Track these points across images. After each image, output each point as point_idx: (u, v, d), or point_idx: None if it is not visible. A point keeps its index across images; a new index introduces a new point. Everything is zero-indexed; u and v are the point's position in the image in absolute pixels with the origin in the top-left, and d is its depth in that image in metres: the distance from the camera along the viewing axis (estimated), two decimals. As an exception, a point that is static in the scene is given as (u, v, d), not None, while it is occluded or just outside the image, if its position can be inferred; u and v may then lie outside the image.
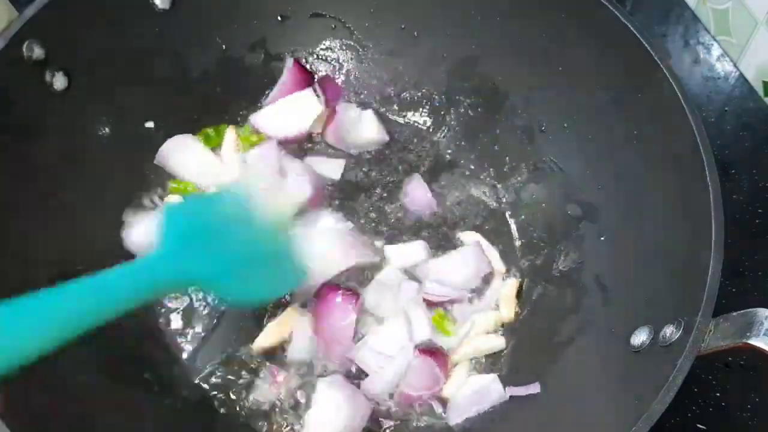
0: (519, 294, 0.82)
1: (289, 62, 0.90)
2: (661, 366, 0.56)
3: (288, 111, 0.89)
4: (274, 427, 0.74)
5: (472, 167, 0.90)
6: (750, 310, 0.55)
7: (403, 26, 0.90)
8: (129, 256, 0.80)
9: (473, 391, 0.75)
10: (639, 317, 0.65)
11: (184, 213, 0.67)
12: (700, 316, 0.56)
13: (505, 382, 0.75)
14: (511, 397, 0.74)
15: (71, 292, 0.49)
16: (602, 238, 0.76)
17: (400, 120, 0.94)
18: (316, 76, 0.92)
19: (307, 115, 0.88)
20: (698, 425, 0.76)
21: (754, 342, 0.53)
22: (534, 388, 0.73)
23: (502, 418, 0.73)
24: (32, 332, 0.42)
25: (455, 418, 0.74)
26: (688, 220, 0.64)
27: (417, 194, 0.87)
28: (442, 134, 0.92)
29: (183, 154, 0.85)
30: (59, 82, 0.72)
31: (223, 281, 0.64)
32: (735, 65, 1.01)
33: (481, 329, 0.79)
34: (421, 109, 0.93)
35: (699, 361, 0.56)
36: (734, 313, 0.56)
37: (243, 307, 0.78)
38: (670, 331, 0.59)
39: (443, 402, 0.76)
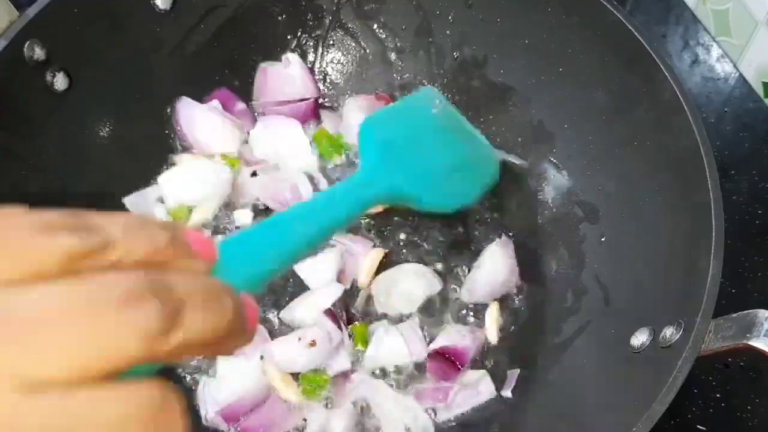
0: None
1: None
2: (661, 367, 0.56)
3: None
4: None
5: (473, 168, 0.90)
6: (750, 311, 0.55)
7: (404, 26, 0.90)
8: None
9: (462, 385, 0.75)
10: (639, 318, 0.65)
11: (382, 124, 0.67)
12: (700, 317, 0.56)
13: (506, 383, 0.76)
14: (510, 397, 0.74)
15: (299, 216, 0.48)
16: (602, 239, 0.76)
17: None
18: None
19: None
20: (698, 426, 0.76)
21: (755, 343, 0.53)
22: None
23: (500, 418, 0.73)
24: (267, 256, 0.42)
25: (444, 414, 0.74)
26: (688, 221, 0.64)
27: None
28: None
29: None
30: (60, 82, 0.72)
31: (425, 189, 0.64)
32: (735, 66, 1.01)
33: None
34: (421, 110, 0.93)
35: (699, 362, 0.56)
36: (734, 314, 0.56)
37: (442, 212, 0.73)
38: (670, 332, 0.59)
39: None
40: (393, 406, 0.74)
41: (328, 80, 0.94)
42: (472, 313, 0.80)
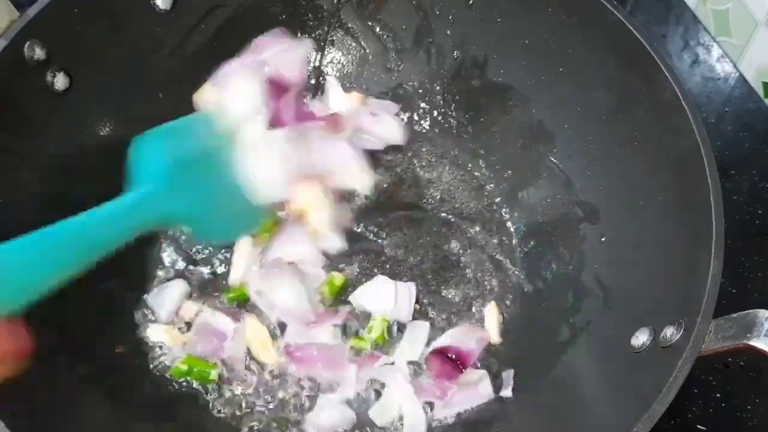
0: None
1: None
2: (661, 367, 0.56)
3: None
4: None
5: (472, 168, 0.90)
6: (750, 311, 0.55)
7: (404, 26, 0.90)
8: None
9: (461, 385, 0.75)
10: (639, 318, 0.65)
11: (160, 144, 0.66)
12: (700, 317, 0.56)
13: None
14: (509, 397, 0.74)
15: (61, 233, 0.50)
16: (603, 239, 0.76)
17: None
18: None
19: None
20: (698, 426, 0.76)
21: (755, 343, 0.53)
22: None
23: (500, 419, 0.73)
24: (24, 273, 0.44)
25: (441, 411, 0.74)
26: (689, 221, 0.64)
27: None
28: (442, 135, 0.92)
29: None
30: (60, 82, 0.72)
31: (199, 216, 0.65)
32: (735, 66, 1.01)
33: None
34: (421, 110, 0.93)
35: (699, 362, 0.56)
36: (734, 314, 0.56)
37: (215, 242, 0.79)
38: (670, 332, 0.59)
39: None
40: (399, 396, 0.74)
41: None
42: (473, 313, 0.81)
